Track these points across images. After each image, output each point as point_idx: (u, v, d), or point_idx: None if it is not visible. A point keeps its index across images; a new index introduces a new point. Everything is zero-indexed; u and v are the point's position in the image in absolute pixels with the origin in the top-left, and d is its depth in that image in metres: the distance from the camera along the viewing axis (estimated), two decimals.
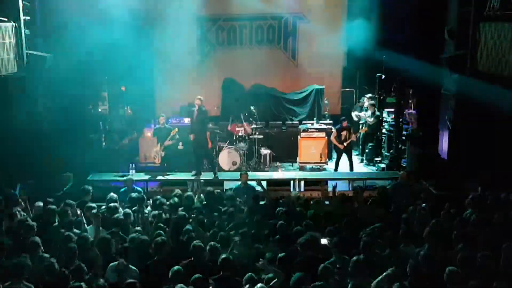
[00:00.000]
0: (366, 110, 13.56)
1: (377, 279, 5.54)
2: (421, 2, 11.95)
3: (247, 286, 5.43)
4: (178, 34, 13.96)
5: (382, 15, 13.37)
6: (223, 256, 5.83)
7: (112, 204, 7.99)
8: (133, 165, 11.77)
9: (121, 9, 12.15)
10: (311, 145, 12.88)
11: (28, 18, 10.60)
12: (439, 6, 11.73)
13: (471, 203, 7.82)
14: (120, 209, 7.87)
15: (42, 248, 6.38)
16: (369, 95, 13.98)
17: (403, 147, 12.88)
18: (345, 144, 12.34)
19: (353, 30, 13.58)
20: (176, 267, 5.64)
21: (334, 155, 12.70)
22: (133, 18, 13.00)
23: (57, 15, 11.40)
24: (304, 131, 13.10)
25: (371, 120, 13.34)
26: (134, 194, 8.60)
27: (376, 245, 6.44)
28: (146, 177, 11.58)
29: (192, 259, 6.11)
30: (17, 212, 7.76)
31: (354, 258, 5.71)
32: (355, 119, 13.95)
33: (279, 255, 6.10)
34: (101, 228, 7.10)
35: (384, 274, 5.57)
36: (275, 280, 5.54)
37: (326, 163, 12.93)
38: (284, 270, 5.73)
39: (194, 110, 11.45)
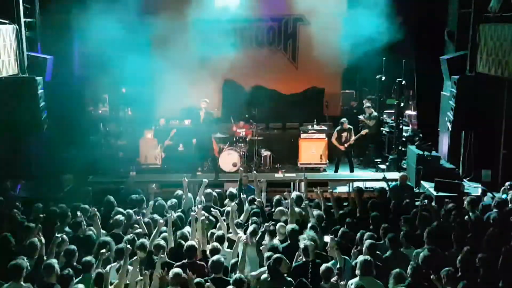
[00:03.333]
0: (365, 112, 13.55)
1: None
2: (421, 4, 11.95)
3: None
4: (179, 36, 13.97)
5: (382, 17, 13.36)
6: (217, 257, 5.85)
7: (110, 207, 7.99)
8: (134, 166, 11.76)
9: (121, 11, 12.16)
10: (311, 146, 12.87)
11: (29, 20, 10.62)
12: (439, 8, 11.75)
13: (470, 205, 7.82)
14: (119, 211, 7.85)
15: (41, 249, 6.37)
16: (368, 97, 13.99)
17: (403, 149, 12.87)
18: (345, 145, 12.34)
19: (353, 32, 13.57)
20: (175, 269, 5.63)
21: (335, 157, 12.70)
22: (133, 20, 13.01)
23: (58, 17, 11.41)
24: (304, 132, 13.09)
25: (370, 122, 13.32)
26: (134, 196, 8.58)
27: (378, 246, 6.45)
28: (146, 178, 11.56)
29: (187, 260, 6.11)
30: (16, 214, 7.75)
31: (361, 258, 5.71)
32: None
33: None
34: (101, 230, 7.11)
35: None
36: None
37: (326, 164, 12.93)
38: None
39: (200, 113, 11.24)
